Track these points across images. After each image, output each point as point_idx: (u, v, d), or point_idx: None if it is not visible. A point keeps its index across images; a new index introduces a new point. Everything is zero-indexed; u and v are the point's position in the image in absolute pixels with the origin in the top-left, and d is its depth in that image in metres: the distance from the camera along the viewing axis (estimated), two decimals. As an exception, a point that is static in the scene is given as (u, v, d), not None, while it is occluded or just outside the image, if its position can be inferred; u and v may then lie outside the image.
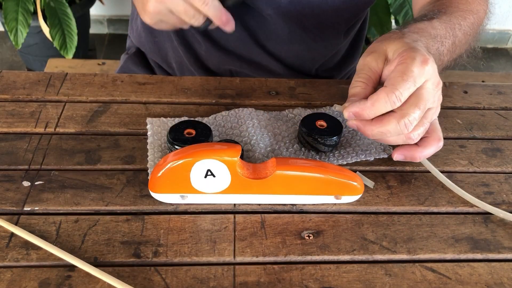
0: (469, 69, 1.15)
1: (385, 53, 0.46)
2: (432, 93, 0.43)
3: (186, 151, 0.42)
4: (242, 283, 0.39)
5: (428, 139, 0.47)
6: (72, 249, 0.40)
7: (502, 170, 0.52)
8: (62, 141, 0.51)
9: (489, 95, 0.64)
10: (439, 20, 0.52)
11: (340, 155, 0.51)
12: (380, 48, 0.46)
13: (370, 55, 0.46)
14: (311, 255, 0.41)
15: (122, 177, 0.47)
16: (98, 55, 1.97)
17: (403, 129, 0.43)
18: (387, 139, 0.46)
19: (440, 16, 0.53)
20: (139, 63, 0.78)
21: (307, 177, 0.43)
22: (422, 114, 0.43)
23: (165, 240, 0.41)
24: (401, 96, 0.42)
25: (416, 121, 0.43)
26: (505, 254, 0.43)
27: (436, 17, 0.53)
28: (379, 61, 0.46)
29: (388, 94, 0.42)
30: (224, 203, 0.45)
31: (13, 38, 1.45)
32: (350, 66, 0.81)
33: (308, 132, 0.50)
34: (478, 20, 0.58)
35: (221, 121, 0.54)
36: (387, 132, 0.44)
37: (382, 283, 0.40)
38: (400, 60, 0.43)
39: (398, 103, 0.42)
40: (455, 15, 0.55)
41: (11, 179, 0.46)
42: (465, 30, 0.55)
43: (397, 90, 0.42)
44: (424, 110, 0.43)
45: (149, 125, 0.52)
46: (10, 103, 0.56)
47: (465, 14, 0.56)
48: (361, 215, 0.45)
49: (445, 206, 0.47)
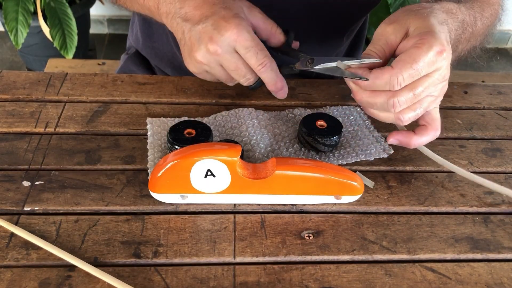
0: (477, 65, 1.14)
1: (407, 27, 0.44)
2: (435, 83, 0.43)
3: (186, 151, 0.42)
4: (242, 283, 0.39)
5: (425, 127, 0.47)
6: (72, 249, 0.40)
7: (502, 170, 0.52)
8: (62, 141, 0.51)
9: (489, 95, 0.64)
10: (465, 5, 0.51)
11: (340, 155, 0.51)
12: (404, 20, 0.44)
13: (391, 25, 0.44)
14: (311, 255, 0.41)
15: (122, 177, 0.47)
16: (98, 55, 1.98)
17: (390, 107, 0.43)
18: (375, 112, 0.45)
19: (465, 2, 0.51)
20: (139, 63, 0.78)
21: (307, 177, 0.43)
22: (415, 98, 0.42)
23: (165, 240, 0.41)
24: (403, 82, 0.41)
25: (406, 104, 0.43)
26: (505, 254, 0.43)
27: (462, 2, 0.51)
28: (398, 34, 0.44)
29: (391, 77, 0.41)
30: (224, 203, 0.45)
31: (13, 38, 1.45)
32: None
33: (308, 132, 0.50)
34: (495, 13, 0.57)
35: (221, 121, 0.54)
36: (374, 104, 0.44)
37: (382, 283, 0.40)
38: (418, 42, 0.41)
39: (398, 87, 0.42)
40: (477, 4, 0.53)
41: (11, 179, 0.46)
42: (484, 21, 0.54)
43: (401, 75, 0.41)
44: (418, 96, 0.42)
45: (149, 125, 0.52)
46: (10, 103, 0.56)
47: (484, 5, 0.55)
48: (361, 215, 0.45)
49: (445, 206, 0.47)
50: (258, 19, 0.48)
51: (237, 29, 0.44)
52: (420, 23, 0.43)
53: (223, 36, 0.44)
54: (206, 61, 0.46)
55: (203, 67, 0.48)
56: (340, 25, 0.68)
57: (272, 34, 0.50)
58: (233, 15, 0.45)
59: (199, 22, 0.45)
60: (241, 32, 0.44)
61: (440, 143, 0.54)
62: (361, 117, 0.56)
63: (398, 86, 0.41)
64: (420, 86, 0.42)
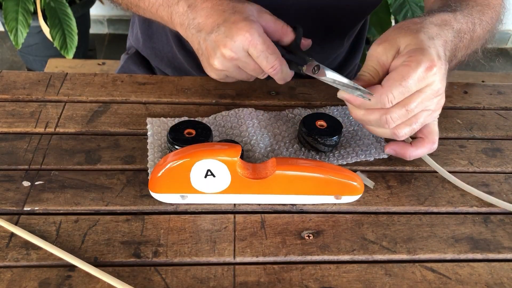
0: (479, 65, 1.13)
1: (398, 45, 0.45)
2: (429, 98, 0.43)
3: (186, 151, 0.42)
4: (242, 283, 0.39)
5: (422, 140, 0.47)
6: (72, 249, 0.40)
7: (502, 170, 0.52)
8: (62, 141, 0.51)
9: (489, 95, 0.64)
10: (462, 13, 0.51)
11: (340, 155, 0.51)
12: (394, 39, 0.45)
13: (381, 45, 0.45)
14: (311, 255, 0.41)
15: (122, 177, 0.47)
16: (98, 55, 1.97)
17: (384, 124, 0.44)
18: (372, 128, 0.46)
19: (462, 9, 0.52)
20: (139, 63, 0.78)
21: (307, 177, 0.43)
22: (409, 114, 0.43)
23: (165, 240, 0.41)
24: (394, 100, 0.42)
25: (400, 119, 0.43)
26: (505, 254, 0.43)
27: (459, 10, 0.51)
28: (389, 54, 0.45)
29: (381, 96, 0.42)
30: (224, 203, 0.45)
31: (13, 38, 1.45)
32: (351, 66, 0.81)
33: (308, 132, 0.50)
34: (496, 15, 0.58)
35: (221, 121, 0.54)
36: (368, 122, 0.45)
37: (382, 283, 0.40)
38: (407, 60, 0.42)
39: (389, 105, 0.43)
40: (476, 9, 0.54)
41: (11, 179, 0.46)
42: (484, 26, 0.54)
43: (391, 93, 0.42)
44: (412, 112, 0.43)
45: (149, 125, 0.52)
46: (10, 103, 0.56)
47: (484, 9, 0.55)
48: (361, 215, 0.45)
49: (445, 206, 0.47)
50: (269, 21, 0.49)
51: (249, 32, 0.45)
52: (410, 40, 0.44)
53: (236, 42, 0.45)
54: (224, 67, 0.47)
55: (223, 73, 0.49)
56: (341, 26, 0.68)
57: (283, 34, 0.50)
58: (243, 18, 0.45)
59: (212, 30, 0.46)
60: (252, 35, 0.45)
61: (440, 143, 0.54)
62: None
63: (389, 104, 0.42)
64: (413, 102, 0.43)
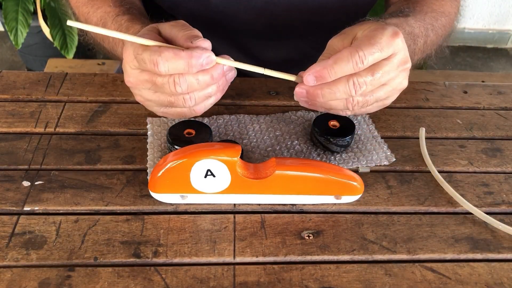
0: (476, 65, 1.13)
1: (355, 34, 0.44)
2: (394, 68, 0.42)
3: (186, 151, 0.42)
4: (242, 283, 0.39)
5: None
6: (72, 249, 0.40)
7: (502, 170, 0.52)
8: (62, 141, 0.51)
9: (489, 95, 0.64)
10: (414, 18, 0.52)
11: (341, 159, 0.50)
12: (350, 31, 0.45)
13: (337, 37, 0.45)
14: (311, 255, 0.41)
15: (122, 177, 0.47)
16: (98, 55, 1.97)
17: (351, 89, 0.42)
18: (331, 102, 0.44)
19: (414, 14, 0.53)
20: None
21: (307, 177, 0.43)
22: (374, 83, 0.42)
23: (165, 240, 0.41)
24: (364, 59, 0.40)
25: (366, 86, 0.42)
26: (505, 254, 0.43)
27: (411, 15, 0.53)
28: (346, 41, 0.44)
29: (352, 53, 0.40)
30: (224, 203, 0.45)
31: (13, 38, 1.45)
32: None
33: (320, 132, 0.50)
34: (450, 22, 0.59)
35: (222, 123, 0.54)
36: (336, 92, 0.42)
37: (382, 283, 0.40)
38: (370, 31, 0.42)
39: (361, 65, 0.41)
40: (429, 15, 0.55)
41: (11, 179, 0.46)
42: (437, 31, 0.55)
43: (361, 50, 0.40)
44: (377, 80, 0.42)
45: (149, 125, 0.52)
46: (10, 103, 0.56)
47: (438, 15, 0.56)
48: (361, 215, 0.45)
49: (445, 206, 0.47)
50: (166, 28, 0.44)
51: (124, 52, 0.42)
52: (367, 27, 0.44)
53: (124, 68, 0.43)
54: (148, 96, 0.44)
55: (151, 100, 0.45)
56: (339, 26, 0.68)
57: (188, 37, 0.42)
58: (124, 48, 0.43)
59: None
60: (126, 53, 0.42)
61: (440, 143, 0.54)
62: (366, 121, 0.56)
63: (360, 63, 0.40)
64: (379, 68, 0.42)
